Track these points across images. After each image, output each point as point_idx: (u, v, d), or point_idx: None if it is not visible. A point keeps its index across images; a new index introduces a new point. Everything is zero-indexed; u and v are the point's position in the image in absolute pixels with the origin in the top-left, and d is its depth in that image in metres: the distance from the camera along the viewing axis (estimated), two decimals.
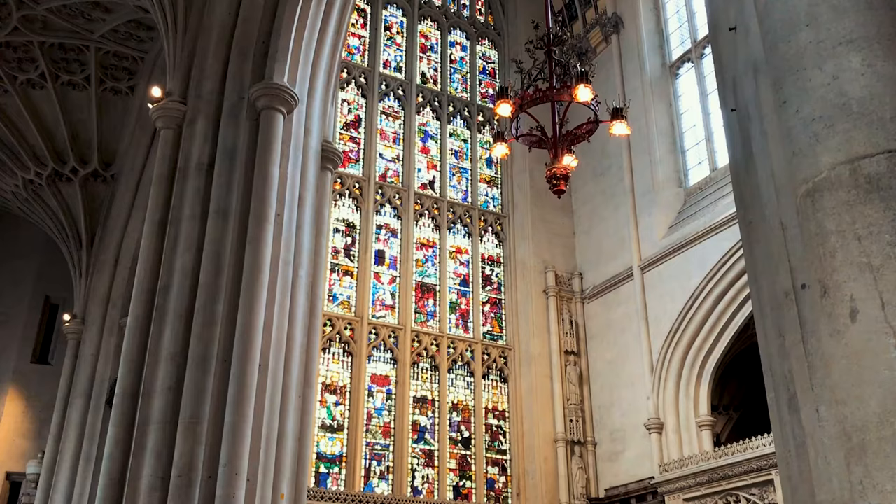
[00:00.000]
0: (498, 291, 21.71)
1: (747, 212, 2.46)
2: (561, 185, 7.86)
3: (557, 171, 7.91)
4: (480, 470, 19.08)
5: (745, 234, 2.56)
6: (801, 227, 1.94)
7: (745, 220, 2.53)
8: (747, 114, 2.30)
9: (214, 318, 7.26)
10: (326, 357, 18.64)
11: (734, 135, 2.48)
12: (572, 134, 8.26)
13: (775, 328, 2.17)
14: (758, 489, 14.60)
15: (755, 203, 2.30)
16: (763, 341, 2.32)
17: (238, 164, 7.92)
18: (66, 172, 14.22)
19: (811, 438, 1.95)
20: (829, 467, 1.85)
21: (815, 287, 1.87)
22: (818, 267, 1.86)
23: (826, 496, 1.86)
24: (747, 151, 2.33)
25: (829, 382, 1.83)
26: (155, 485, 6.78)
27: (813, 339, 1.94)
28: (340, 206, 20.40)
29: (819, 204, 1.92)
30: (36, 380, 17.38)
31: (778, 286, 2.12)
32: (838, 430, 1.79)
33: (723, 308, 17.60)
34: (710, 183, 19.19)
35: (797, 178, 1.95)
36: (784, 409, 2.12)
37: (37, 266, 18.17)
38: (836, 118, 1.88)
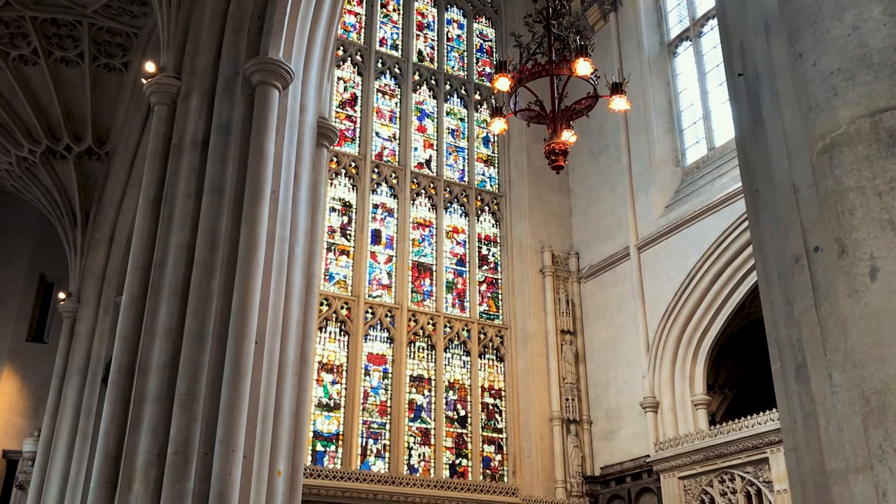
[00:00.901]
0: (494, 271, 21.69)
1: (753, 180, 2.40)
2: (559, 160, 7.80)
3: (556, 146, 7.85)
4: (476, 448, 19.16)
5: (751, 204, 2.50)
6: (816, 186, 1.89)
7: (751, 189, 2.47)
8: (756, 76, 2.25)
9: (210, 295, 7.22)
10: (323, 336, 18.64)
11: (741, 101, 2.43)
12: (571, 109, 8.19)
13: (783, 296, 2.13)
14: (753, 467, 14.68)
15: (763, 170, 2.25)
16: (768, 311, 2.29)
17: (233, 140, 7.85)
18: (60, 150, 14.11)
19: (822, 406, 1.91)
20: (841, 434, 1.82)
21: (832, 247, 1.82)
22: (835, 226, 1.81)
23: (838, 464, 1.83)
24: (756, 116, 2.28)
25: (845, 346, 1.79)
26: (151, 461, 6.77)
27: (826, 302, 1.90)
28: (336, 185, 20.31)
29: (837, 160, 1.87)
30: (32, 358, 17.36)
31: (787, 252, 2.08)
32: (855, 395, 1.76)
33: (719, 287, 17.62)
34: (708, 162, 19.14)
35: (813, 134, 1.89)
36: (791, 379, 2.08)
37: (31, 244, 18.08)
38: (856, 70, 1.82)
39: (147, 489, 6.69)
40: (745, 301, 17.74)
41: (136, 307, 7.59)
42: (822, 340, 1.91)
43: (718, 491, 15.22)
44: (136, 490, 6.71)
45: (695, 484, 15.71)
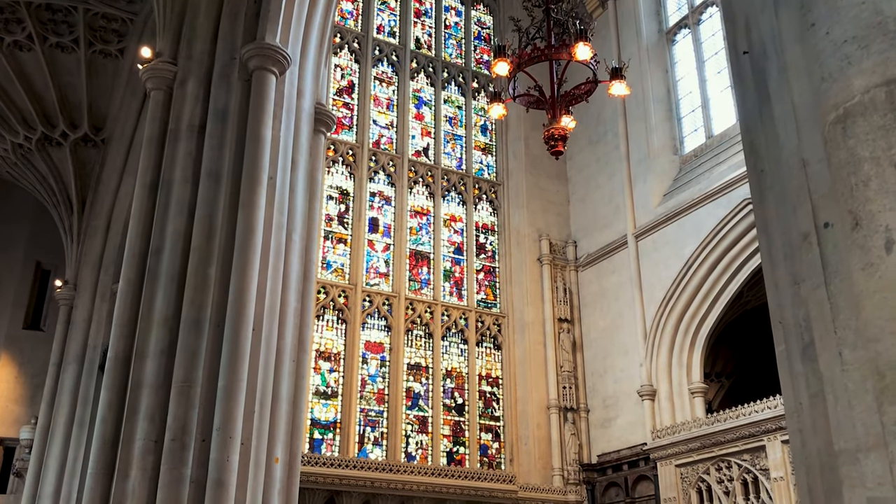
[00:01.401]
0: (492, 259, 21.68)
1: (758, 160, 2.37)
2: (559, 146, 7.75)
3: (555, 131, 7.80)
4: (474, 436, 19.19)
5: (756, 184, 2.47)
6: (828, 159, 1.85)
7: (756, 170, 2.44)
8: (763, 51, 2.21)
9: (207, 282, 7.18)
10: (320, 324, 18.63)
11: (745, 80, 2.39)
12: (570, 94, 8.12)
13: (789, 276, 2.09)
14: (749, 455, 14.71)
15: (770, 148, 2.21)
16: (773, 293, 2.26)
17: (230, 126, 7.79)
18: (56, 137, 14.02)
19: (830, 385, 1.88)
20: (851, 413, 1.79)
21: (845, 220, 1.78)
22: (848, 198, 1.78)
23: (848, 443, 1.80)
24: (762, 94, 2.24)
25: (857, 322, 1.76)
26: (148, 448, 6.75)
27: (837, 279, 1.86)
28: (334, 173, 20.25)
29: (851, 130, 1.83)
30: (28, 346, 17.32)
31: (794, 231, 2.04)
32: (867, 372, 1.73)
33: (717, 276, 17.62)
34: (706, 150, 19.11)
35: (826, 105, 1.85)
36: (796, 360, 2.06)
37: (27, 232, 18.01)
38: (871, 38, 1.78)
39: (144, 476, 6.68)
40: (743, 289, 17.75)
41: (132, 294, 7.56)
42: (832, 318, 1.88)
43: (715, 479, 15.27)
44: (133, 477, 6.69)
45: (691, 472, 15.76)
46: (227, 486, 6.49)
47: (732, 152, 17.99)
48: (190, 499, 6.48)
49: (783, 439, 14.08)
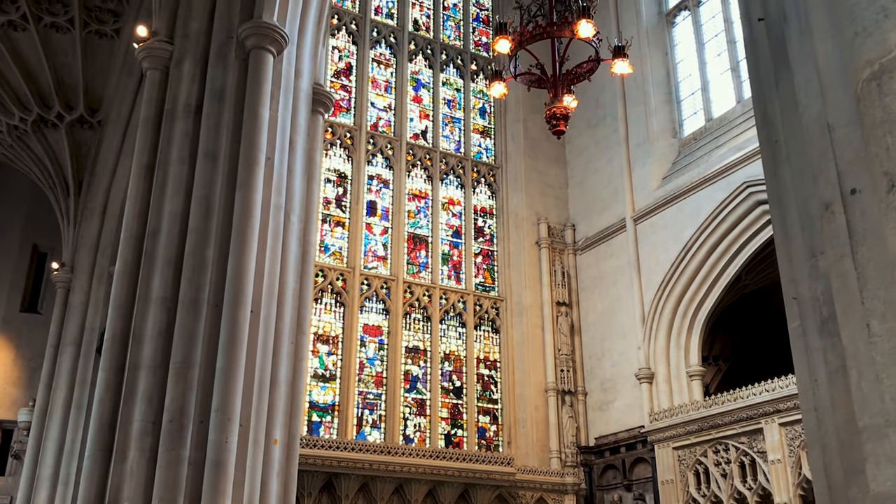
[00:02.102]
0: (490, 243, 21.63)
1: (772, 132, 2.30)
2: (561, 125, 7.66)
3: (557, 110, 7.71)
4: (472, 419, 19.22)
5: (770, 157, 2.41)
6: (860, 120, 1.78)
7: (769, 142, 2.37)
8: (783, 16, 2.13)
9: (205, 263, 7.12)
10: (318, 307, 18.60)
11: (760, 49, 2.32)
12: (572, 73, 8.02)
13: (806, 248, 2.04)
14: (747, 438, 14.75)
15: (787, 117, 2.15)
16: (786, 267, 2.20)
17: (227, 106, 7.70)
18: (52, 118, 13.90)
19: (854, 360, 1.83)
20: (880, 386, 1.73)
21: (879, 183, 1.71)
22: (884, 159, 1.71)
23: (874, 419, 1.74)
24: (779, 60, 2.17)
25: (887, 293, 1.69)
26: (146, 429, 6.72)
27: (864, 247, 1.80)
28: (332, 155, 20.15)
29: (888, 87, 1.75)
30: (26, 329, 17.27)
31: (814, 202, 1.98)
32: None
33: (715, 259, 17.59)
34: (705, 133, 19.03)
35: (859, 61, 1.78)
36: (813, 336, 2.00)
37: (24, 214, 17.91)
38: None
39: (142, 457, 6.65)
40: (741, 273, 17.73)
41: (129, 275, 7.50)
42: (859, 288, 1.82)
43: (713, 461, 15.31)
44: (131, 458, 6.66)
45: (689, 454, 15.80)
46: (226, 468, 6.47)
47: (732, 135, 17.92)
48: (188, 480, 6.46)
49: (781, 422, 14.11)
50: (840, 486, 1.89)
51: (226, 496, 6.41)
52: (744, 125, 17.75)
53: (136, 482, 6.59)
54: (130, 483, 6.60)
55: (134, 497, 6.54)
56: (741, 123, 17.89)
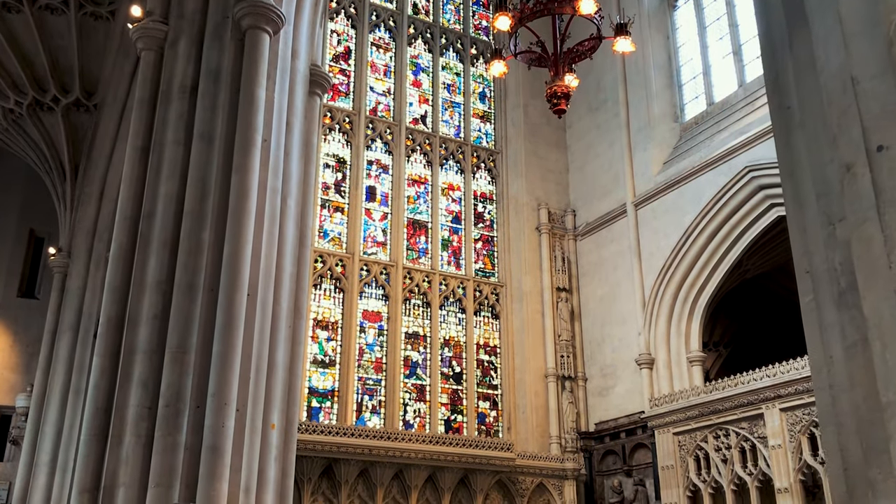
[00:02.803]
0: (490, 228, 21.54)
1: (784, 97, 2.20)
2: (562, 104, 7.53)
3: (558, 89, 7.58)
4: (472, 404, 19.19)
5: (782, 123, 2.30)
6: (893, 67, 1.67)
7: (781, 107, 2.27)
8: None
9: (200, 246, 7.03)
10: (318, 293, 18.53)
11: (773, 10, 2.20)
12: (574, 51, 7.88)
13: (822, 217, 1.94)
14: (748, 423, 14.70)
15: (802, 78, 2.04)
16: (799, 240, 2.10)
17: (223, 87, 7.58)
18: (48, 102, 13.76)
19: (877, 330, 1.73)
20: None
21: None
22: None
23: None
24: (794, 17, 2.06)
25: None
26: (142, 414, 6.65)
27: (894, 207, 1.69)
28: (330, 140, 20.02)
29: None
30: (23, 314, 17.20)
31: (832, 166, 1.88)
32: None
33: (716, 244, 17.50)
34: (707, 118, 18.89)
35: (889, 4, 1.67)
36: (828, 309, 1.91)
37: (20, 199, 17.78)
38: None
39: (138, 442, 6.58)
40: (743, 258, 17.64)
41: (124, 259, 7.41)
42: (887, 252, 1.71)
43: (713, 447, 15.27)
44: (127, 443, 6.60)
45: (689, 440, 15.76)
46: (223, 452, 6.40)
47: (734, 119, 17.79)
48: (185, 465, 6.39)
49: (782, 407, 14.06)
50: (859, 467, 1.81)
51: (223, 481, 6.34)
52: (745, 109, 17.61)
53: (132, 467, 6.53)
54: (126, 468, 6.54)
55: (130, 482, 6.48)
56: (743, 108, 17.75)
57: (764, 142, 16.37)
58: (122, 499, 6.44)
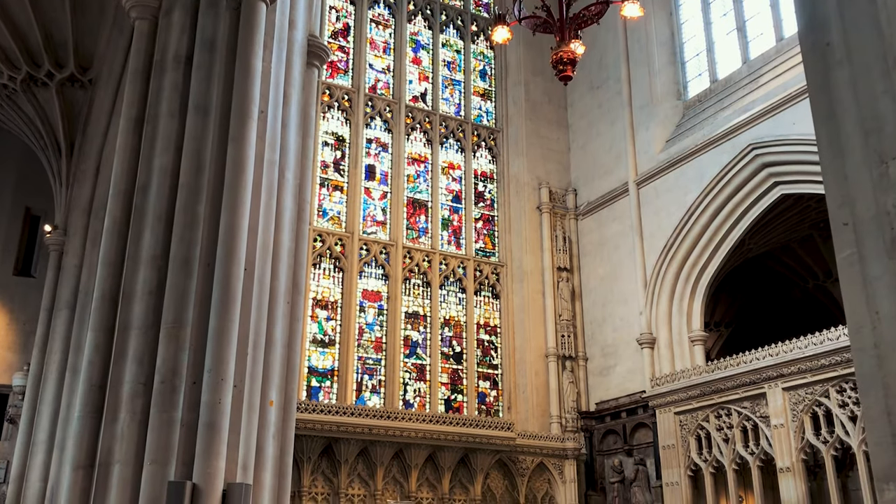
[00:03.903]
0: (491, 208, 21.38)
1: (821, 34, 2.02)
2: (568, 70, 7.34)
3: (564, 55, 7.38)
4: (472, 384, 19.12)
5: (817, 66, 2.13)
6: None
7: (816, 47, 2.10)
8: None
9: (196, 220, 6.86)
10: (317, 273, 18.41)
11: None
12: (580, 16, 7.68)
13: (873, 157, 1.78)
14: (750, 402, 14.62)
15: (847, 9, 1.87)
16: (836, 191, 1.95)
17: (218, 57, 7.39)
18: (42, 76, 13.53)
19: None
20: None
21: None
22: None
23: None
24: None
25: None
26: (137, 391, 6.52)
27: None
28: (329, 118, 19.82)
29: None
30: (20, 292, 17.06)
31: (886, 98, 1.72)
32: None
33: (719, 223, 17.35)
34: (710, 95, 18.68)
35: None
36: (876, 259, 1.76)
37: (15, 176, 17.60)
38: None
39: (133, 419, 6.45)
40: (745, 237, 17.50)
41: (118, 233, 7.25)
42: None
43: (714, 426, 15.21)
44: (122, 419, 6.47)
45: (691, 419, 15.70)
46: (220, 429, 6.27)
47: (738, 97, 17.58)
48: (181, 442, 6.27)
49: (784, 386, 13.98)
50: None
51: (220, 458, 6.22)
52: (749, 86, 17.40)
53: (128, 444, 6.41)
54: (121, 445, 6.42)
55: (125, 459, 6.36)
56: (747, 85, 17.54)
57: (768, 119, 16.18)
58: (117, 476, 6.33)
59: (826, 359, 13.31)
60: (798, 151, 15.58)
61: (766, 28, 17.74)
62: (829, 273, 20.36)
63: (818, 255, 19.99)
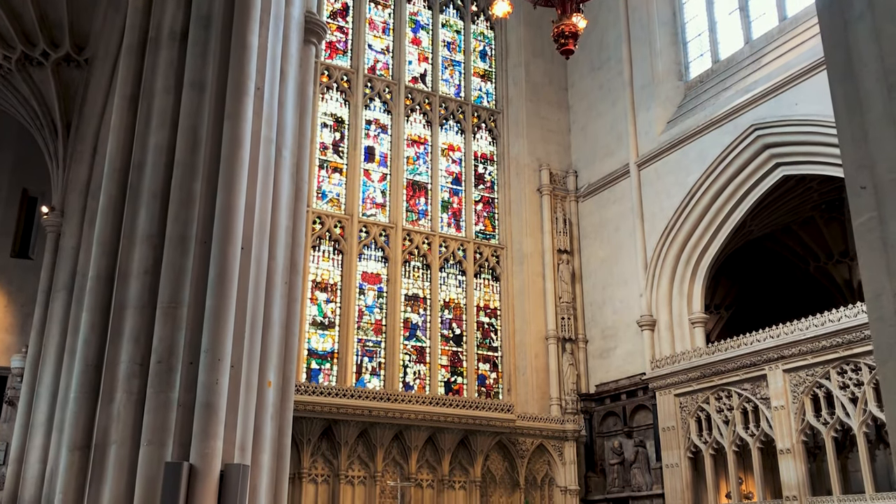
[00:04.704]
0: (491, 190, 21.27)
1: None
2: (569, 44, 7.23)
3: (566, 27, 7.27)
4: (472, 366, 19.09)
5: (834, 24, 2.01)
6: None
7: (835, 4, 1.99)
8: None
9: (192, 198, 6.77)
10: (316, 255, 18.34)
11: None
12: None
13: None
14: (750, 384, 14.58)
15: None
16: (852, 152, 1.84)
17: (213, 33, 7.26)
18: (37, 56, 13.38)
19: None
20: None
21: None
22: None
23: None
24: None
25: None
26: (133, 371, 6.45)
27: None
28: (328, 99, 19.66)
29: None
30: (18, 274, 16.98)
31: None
32: None
33: (720, 204, 17.24)
34: (712, 76, 18.52)
35: None
36: (895, 224, 1.66)
37: (12, 158, 17.47)
38: None
39: (130, 399, 6.39)
40: (747, 218, 17.40)
41: (114, 211, 7.17)
42: None
43: (715, 408, 15.17)
44: (118, 400, 6.41)
45: (691, 401, 15.66)
46: (217, 409, 6.21)
47: (740, 77, 17.42)
48: (178, 422, 6.20)
49: (785, 368, 13.93)
50: None
51: (217, 438, 6.16)
52: (752, 67, 17.24)
53: (124, 424, 6.35)
54: (118, 426, 6.36)
55: (121, 440, 6.30)
56: (749, 65, 17.37)
57: (770, 100, 16.04)
58: (113, 456, 6.27)
59: (827, 340, 13.25)
60: (800, 132, 15.46)
61: (768, 8, 17.56)
62: (830, 255, 20.28)
63: (819, 236, 19.91)
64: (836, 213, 19.05)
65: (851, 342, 12.90)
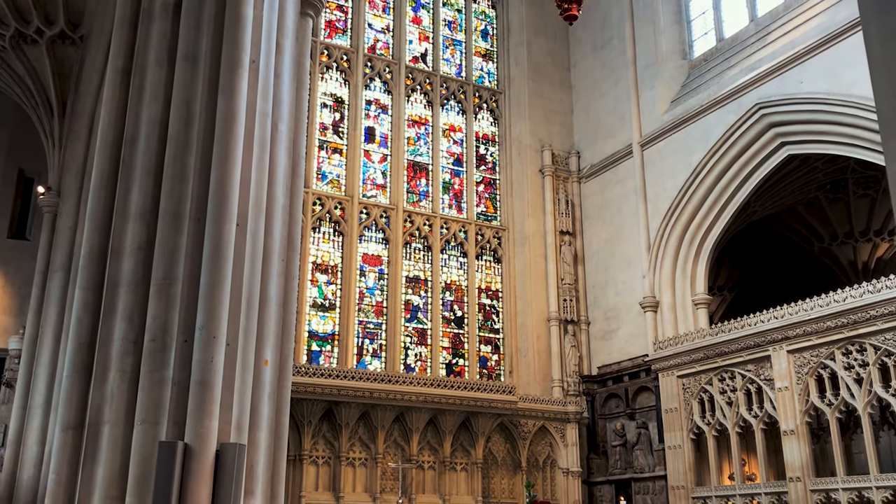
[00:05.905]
0: (492, 171, 21.09)
1: None
2: (573, 8, 7.10)
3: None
4: (473, 348, 19.00)
5: None
6: None
7: None
8: None
9: (186, 173, 6.60)
10: (317, 236, 18.19)
11: None
12: None
13: None
14: (754, 365, 14.47)
15: None
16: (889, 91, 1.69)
17: (207, 4, 7.06)
18: (31, 33, 13.16)
19: None
20: None
21: None
22: None
23: None
24: None
25: None
26: (127, 349, 6.31)
27: None
28: (328, 79, 19.45)
29: None
30: (15, 255, 16.85)
31: None
32: None
33: (724, 184, 17.05)
34: (717, 54, 18.28)
35: None
36: None
37: (8, 138, 17.28)
38: None
39: (123, 378, 6.26)
40: (751, 199, 17.22)
41: (106, 187, 7.00)
42: None
43: (718, 389, 15.06)
44: (111, 378, 6.27)
45: (694, 382, 15.56)
46: (212, 388, 6.07)
47: (744, 55, 17.18)
48: (172, 401, 6.07)
49: (789, 349, 13.80)
50: None
51: (212, 417, 6.03)
52: (756, 45, 17.00)
53: (118, 403, 6.21)
54: (111, 405, 6.23)
55: (115, 419, 6.17)
56: (754, 43, 17.13)
57: (775, 78, 15.81)
58: (107, 436, 6.15)
59: (832, 321, 13.12)
60: (806, 111, 15.24)
61: None
62: (834, 236, 20.11)
63: (824, 217, 19.72)
64: (840, 194, 18.86)
65: (857, 322, 12.76)
